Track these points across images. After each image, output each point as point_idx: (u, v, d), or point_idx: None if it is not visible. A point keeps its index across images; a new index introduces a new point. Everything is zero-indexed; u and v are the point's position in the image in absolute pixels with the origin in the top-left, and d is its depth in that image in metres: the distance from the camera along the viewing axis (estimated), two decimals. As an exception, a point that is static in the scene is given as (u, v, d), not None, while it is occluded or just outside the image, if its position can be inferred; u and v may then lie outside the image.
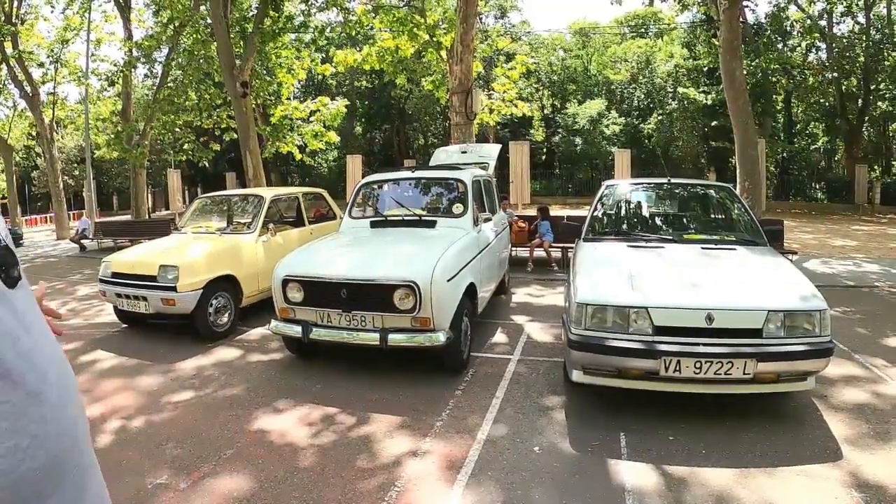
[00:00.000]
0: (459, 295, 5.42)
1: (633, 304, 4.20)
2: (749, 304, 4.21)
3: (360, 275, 5.22)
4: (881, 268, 11.62)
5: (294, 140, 20.40)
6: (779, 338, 4.18)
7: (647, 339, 4.16)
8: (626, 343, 4.16)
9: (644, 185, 7.09)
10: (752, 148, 13.33)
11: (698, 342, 4.12)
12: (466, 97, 13.17)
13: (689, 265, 4.95)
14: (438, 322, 5.10)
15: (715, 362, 4.07)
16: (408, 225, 6.61)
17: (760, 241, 5.66)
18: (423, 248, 5.64)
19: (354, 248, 6.15)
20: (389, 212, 7.07)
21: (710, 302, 4.18)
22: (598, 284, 4.53)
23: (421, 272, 5.03)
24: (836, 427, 4.40)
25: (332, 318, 5.33)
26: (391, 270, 5.17)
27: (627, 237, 5.88)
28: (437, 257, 5.25)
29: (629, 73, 36.08)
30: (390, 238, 6.25)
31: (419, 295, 4.98)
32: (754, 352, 4.09)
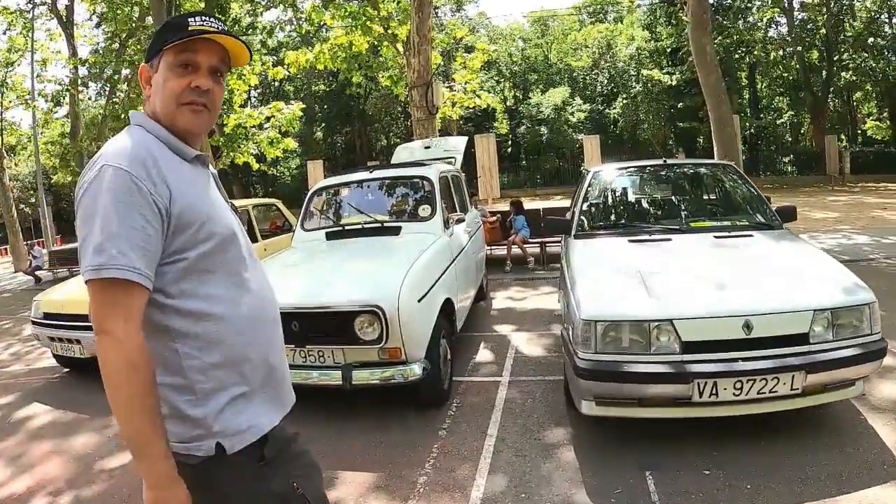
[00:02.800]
0: (434, 315, 4.59)
1: (655, 317, 3.39)
2: (791, 304, 3.44)
3: (312, 302, 4.35)
4: (871, 238, 11.39)
5: (249, 149, 19.39)
6: (827, 341, 3.44)
7: (675, 358, 3.35)
8: (648, 367, 3.35)
9: (636, 168, 6.29)
10: (728, 124, 12.68)
11: (736, 357, 3.33)
12: (427, 91, 12.41)
13: (706, 260, 4.17)
14: (411, 352, 4.24)
15: (759, 380, 3.30)
16: (369, 234, 5.75)
17: (775, 224, 4.92)
18: (387, 261, 4.82)
19: (306, 267, 5.29)
20: (347, 220, 6.21)
21: (746, 306, 3.40)
22: (606, 293, 3.73)
23: (385, 293, 4.17)
24: (886, 434, 3.74)
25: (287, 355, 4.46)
26: (349, 294, 4.31)
27: (626, 230, 5.05)
28: (404, 273, 4.39)
29: (591, 59, 35.59)
30: (348, 252, 5.41)
31: (385, 321, 4.11)
32: (803, 362, 3.34)
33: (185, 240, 1.49)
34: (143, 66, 1.64)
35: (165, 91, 1.57)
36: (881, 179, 24.91)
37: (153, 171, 1.46)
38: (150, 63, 1.61)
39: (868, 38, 28.27)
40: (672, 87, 29.95)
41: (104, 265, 1.38)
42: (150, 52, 1.61)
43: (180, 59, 1.57)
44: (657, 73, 30.01)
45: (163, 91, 1.58)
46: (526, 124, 35.21)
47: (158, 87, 1.58)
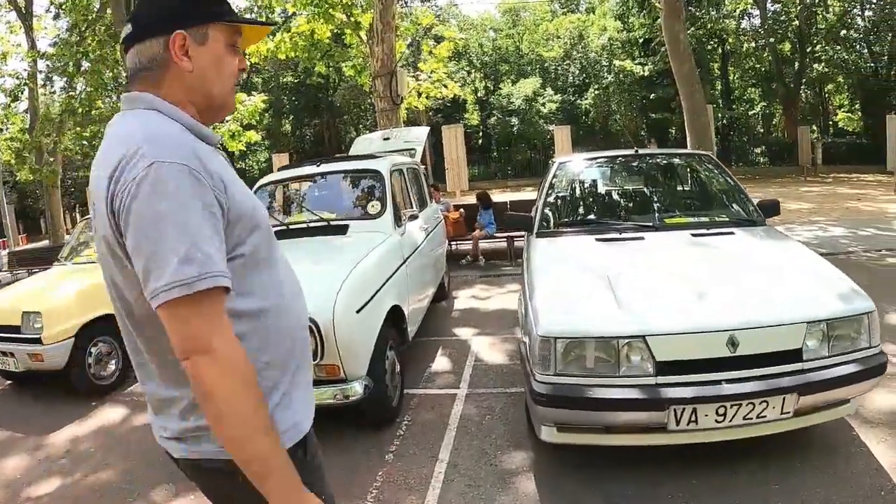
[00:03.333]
0: (377, 326, 4.07)
1: (625, 333, 2.90)
2: (783, 316, 2.98)
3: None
4: (847, 230, 11.11)
5: None
6: (822, 357, 3.01)
7: (648, 381, 2.87)
8: (617, 392, 2.86)
9: (606, 159, 5.76)
10: (702, 114, 12.36)
11: (719, 379, 2.86)
12: (391, 80, 11.90)
13: (684, 263, 3.67)
14: (350, 369, 3.74)
15: (745, 404, 2.84)
16: (314, 233, 5.17)
17: (758, 220, 4.47)
18: (326, 266, 4.27)
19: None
20: (293, 218, 5.65)
21: (731, 319, 2.93)
22: (568, 304, 3.22)
23: (318, 304, 3.61)
24: (881, 453, 3.38)
25: None
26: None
27: (594, 228, 4.53)
28: (342, 280, 3.86)
29: (562, 50, 35.17)
30: (289, 254, 4.82)
31: (319, 336, 3.60)
32: (795, 383, 2.89)
33: (239, 233, 1.35)
34: (179, 33, 1.36)
35: (226, 70, 1.44)
36: (853, 170, 24.80)
37: (204, 161, 1.28)
38: (189, 31, 1.37)
39: (841, 31, 28.26)
40: (644, 77, 29.63)
41: (200, 276, 1.19)
42: (187, 18, 1.37)
43: (233, 39, 1.45)
44: (629, 63, 29.62)
45: (221, 69, 1.43)
46: (497, 115, 34.71)
47: (211, 63, 1.41)
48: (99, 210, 1.28)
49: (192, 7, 1.38)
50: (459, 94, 19.79)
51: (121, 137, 1.28)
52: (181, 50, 1.36)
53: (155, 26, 1.36)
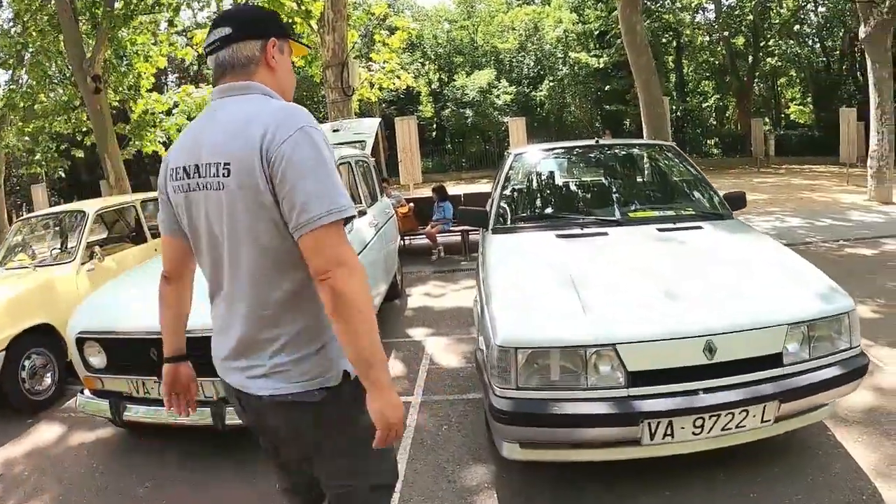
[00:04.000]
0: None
1: (593, 342, 2.61)
2: (762, 318, 2.75)
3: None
4: (804, 221, 11.15)
5: (156, 137, 17.94)
6: (803, 361, 2.80)
7: (619, 393, 2.59)
8: (586, 406, 2.57)
9: (565, 150, 5.47)
10: (658, 105, 12.17)
11: (696, 388, 2.61)
12: (342, 70, 11.44)
13: (652, 261, 3.40)
14: None
15: (724, 415, 2.59)
16: None
17: (725, 213, 4.25)
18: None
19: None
20: None
21: (707, 324, 2.68)
22: (529, 310, 2.91)
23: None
24: (858, 453, 3.27)
25: (150, 389, 3.61)
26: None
27: (553, 223, 4.24)
28: None
29: (517, 42, 34.98)
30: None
31: None
32: (776, 390, 2.67)
33: None
34: (273, 40, 1.74)
35: (291, 76, 1.84)
36: (804, 161, 25.19)
37: None
38: (277, 43, 1.76)
39: (794, 26, 28.72)
40: (599, 69, 29.60)
41: (346, 206, 1.55)
42: (279, 32, 1.77)
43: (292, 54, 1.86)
44: (584, 55, 29.56)
45: (290, 74, 1.83)
46: (451, 107, 34.33)
47: (286, 68, 1.80)
48: (242, 173, 1.55)
49: (278, 25, 1.78)
50: (413, 85, 19.40)
51: (249, 114, 1.59)
52: (272, 53, 1.73)
53: (254, 31, 1.71)
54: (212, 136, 1.64)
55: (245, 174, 1.56)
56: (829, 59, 30.70)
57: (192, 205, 1.71)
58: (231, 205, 1.60)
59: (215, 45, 1.71)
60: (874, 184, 13.03)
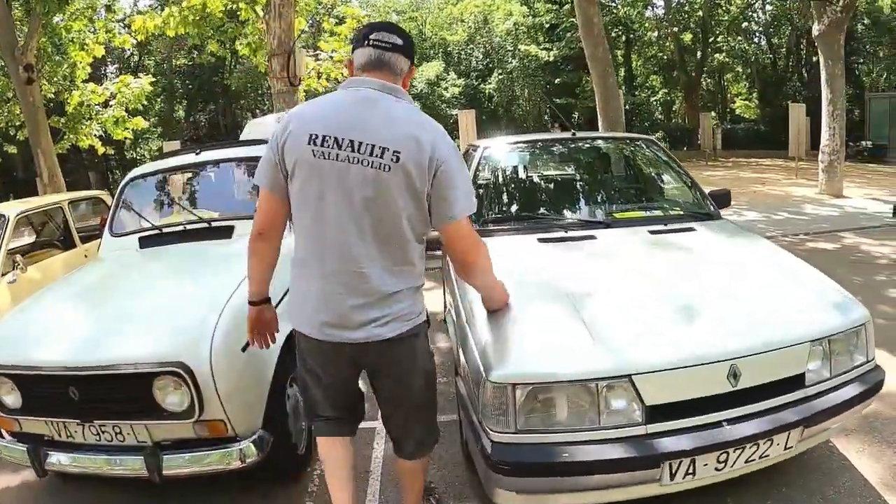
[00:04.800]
0: (272, 363, 3.08)
1: (606, 373, 2.21)
2: (787, 336, 2.41)
3: (88, 359, 2.81)
4: (761, 214, 11.11)
5: (92, 130, 16.91)
6: (824, 380, 2.49)
7: (637, 431, 2.21)
8: (598, 450, 2.16)
9: (540, 143, 5.00)
10: (614, 98, 11.95)
11: (720, 420, 2.26)
12: (288, 60, 10.77)
13: (653, 271, 3.01)
14: (240, 424, 2.83)
15: (748, 447, 2.26)
16: (192, 237, 4.17)
17: (713, 212, 3.92)
18: (203, 286, 3.33)
19: (95, 297, 3.57)
20: (169, 218, 4.59)
21: (731, 346, 2.32)
22: (526, 336, 2.44)
23: (190, 342, 2.73)
24: (863, 465, 3.10)
25: (74, 433, 2.92)
26: (138, 345, 2.80)
27: (532, 225, 3.77)
28: (221, 306, 2.93)
29: (466, 34, 34.65)
30: (161, 267, 3.94)
31: (195, 385, 2.65)
32: (801, 416, 2.35)
33: None
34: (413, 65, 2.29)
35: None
36: (750, 155, 25.47)
37: None
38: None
39: (742, 23, 29.17)
40: (549, 62, 29.44)
41: (475, 205, 2.18)
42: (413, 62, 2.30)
43: None
44: (535, 48, 29.35)
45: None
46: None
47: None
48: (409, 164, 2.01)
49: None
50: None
51: (420, 119, 2.12)
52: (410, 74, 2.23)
53: (411, 53, 2.19)
54: (376, 123, 2.04)
55: (413, 165, 2.00)
56: (776, 55, 31.31)
57: (329, 171, 2.04)
58: (387, 183, 2.02)
59: (387, 46, 2.12)
60: (825, 177, 13.12)
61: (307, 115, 2.09)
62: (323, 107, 2.11)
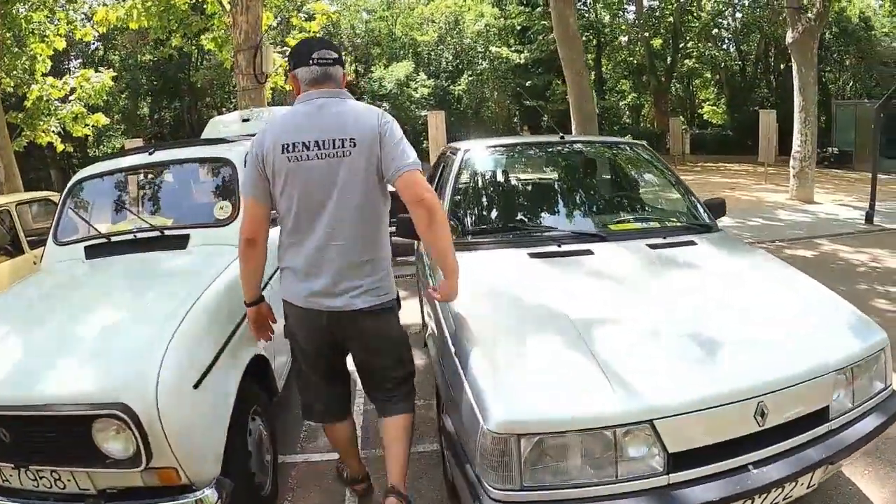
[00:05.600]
0: (231, 397, 2.67)
1: (624, 418, 1.92)
2: (812, 366, 2.18)
3: (15, 396, 2.35)
4: (735, 220, 10.85)
5: (51, 126, 16.16)
6: (847, 411, 2.29)
7: (659, 482, 1.93)
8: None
9: (525, 147, 4.69)
10: (588, 101, 11.75)
11: (746, 463, 2.01)
12: (255, 55, 10.37)
13: (660, 292, 2.74)
14: (195, 470, 2.38)
15: (773, 490, 2.02)
16: (143, 247, 3.73)
17: (711, 224, 3.70)
18: (150, 307, 2.87)
19: (32, 319, 3.02)
20: (118, 226, 4.11)
21: (757, 380, 2.07)
22: (528, 375, 2.13)
23: (131, 378, 2.29)
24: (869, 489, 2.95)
25: (9, 477, 2.49)
26: (73, 381, 2.34)
27: (521, 237, 3.44)
28: (172, 331, 2.51)
29: (437, 34, 34.34)
30: (107, 283, 3.44)
31: (138, 428, 2.22)
32: (826, 453, 2.13)
33: None
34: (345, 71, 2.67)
35: None
36: (718, 160, 25.60)
37: None
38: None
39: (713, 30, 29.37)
40: (520, 65, 29.20)
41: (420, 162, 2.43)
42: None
43: None
44: (506, 50, 29.10)
45: None
46: (367, 99, 33.26)
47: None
48: (364, 144, 2.40)
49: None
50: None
51: (362, 108, 2.51)
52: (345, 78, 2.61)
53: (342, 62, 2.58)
54: (330, 122, 2.42)
55: (367, 143, 2.39)
56: (745, 62, 31.63)
57: (303, 170, 2.41)
58: (351, 165, 2.40)
59: (329, 62, 2.49)
60: (796, 183, 13.14)
61: (276, 130, 2.46)
62: (288, 120, 2.48)
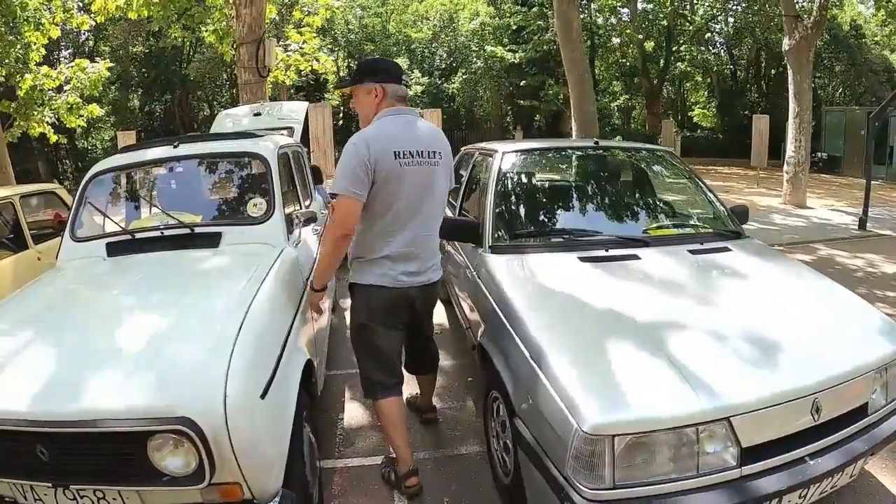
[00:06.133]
0: (292, 406, 2.52)
1: (704, 416, 2.05)
2: (857, 364, 2.38)
3: (57, 411, 2.11)
4: (732, 225, 10.93)
5: (44, 117, 15.94)
6: (882, 407, 2.50)
7: (733, 475, 2.08)
8: (696, 499, 2.02)
9: (560, 150, 4.76)
10: (590, 103, 11.89)
11: (803, 455, 2.19)
12: (258, 49, 10.31)
13: (710, 295, 2.90)
14: (260, 484, 2.18)
15: (825, 481, 2.22)
16: (172, 245, 3.52)
17: (739, 230, 3.84)
18: (200, 310, 2.69)
19: (60, 323, 2.76)
20: (141, 222, 3.97)
21: (813, 378, 2.24)
22: (613, 377, 2.21)
23: (197, 391, 2.10)
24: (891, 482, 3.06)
25: (42, 496, 2.23)
26: (124, 393, 2.12)
27: (567, 242, 3.49)
28: (232, 339, 2.31)
29: (431, 32, 34.37)
30: (138, 283, 3.16)
31: (203, 444, 2.03)
32: (868, 445, 2.36)
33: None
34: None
35: None
36: (709, 163, 25.91)
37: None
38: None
39: (706, 34, 29.69)
40: (514, 64, 29.19)
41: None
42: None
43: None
44: (501, 49, 29.08)
45: None
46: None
47: None
48: (446, 158, 3.07)
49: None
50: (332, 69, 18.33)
51: (434, 127, 3.15)
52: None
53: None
54: (420, 135, 2.94)
55: (446, 158, 3.04)
56: (736, 67, 31.99)
57: (408, 174, 2.85)
58: (437, 175, 2.98)
59: (408, 85, 2.64)
60: (790, 188, 13.37)
61: (383, 138, 2.82)
62: (391, 130, 2.87)
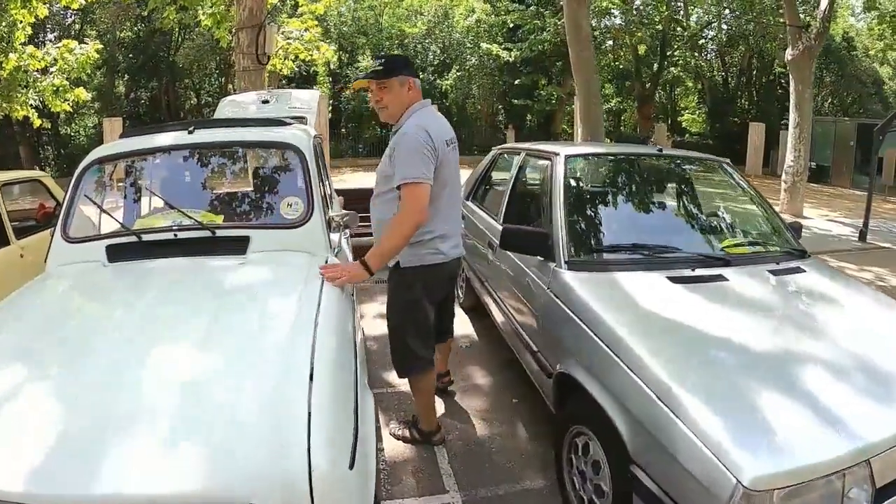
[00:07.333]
0: (373, 472, 1.99)
1: (851, 460, 1.93)
2: None
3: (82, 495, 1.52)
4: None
5: (28, 99, 15.16)
6: None
7: None
8: None
9: (623, 157, 4.46)
10: (596, 104, 11.78)
11: None
12: (258, 34, 9.85)
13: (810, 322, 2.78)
14: None
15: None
16: (189, 250, 2.94)
17: (803, 248, 3.71)
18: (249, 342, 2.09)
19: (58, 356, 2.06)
20: (148, 220, 3.46)
21: None
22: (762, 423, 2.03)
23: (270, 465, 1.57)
24: None
25: None
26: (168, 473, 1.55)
27: (649, 259, 3.30)
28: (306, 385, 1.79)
29: (425, 27, 34.05)
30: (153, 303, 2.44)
31: None
32: None
33: None
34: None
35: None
36: (699, 169, 26.13)
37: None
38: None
39: (699, 40, 29.79)
40: (509, 63, 28.94)
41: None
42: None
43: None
44: (496, 47, 28.79)
45: None
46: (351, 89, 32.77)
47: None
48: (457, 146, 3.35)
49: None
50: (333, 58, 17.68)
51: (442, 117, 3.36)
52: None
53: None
54: (447, 125, 3.29)
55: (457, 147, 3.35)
56: (728, 74, 32.13)
57: (451, 160, 3.22)
58: (458, 159, 3.35)
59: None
60: (787, 197, 13.38)
61: (434, 127, 3.08)
62: (438, 121, 3.21)
